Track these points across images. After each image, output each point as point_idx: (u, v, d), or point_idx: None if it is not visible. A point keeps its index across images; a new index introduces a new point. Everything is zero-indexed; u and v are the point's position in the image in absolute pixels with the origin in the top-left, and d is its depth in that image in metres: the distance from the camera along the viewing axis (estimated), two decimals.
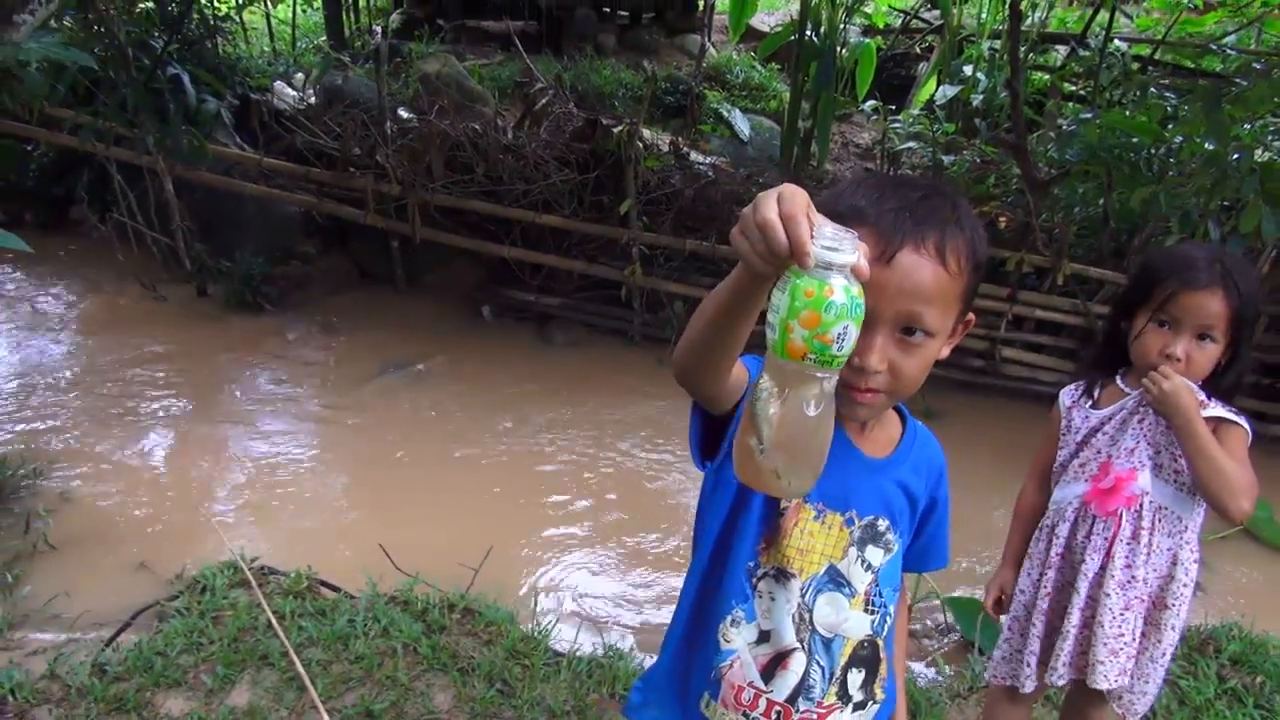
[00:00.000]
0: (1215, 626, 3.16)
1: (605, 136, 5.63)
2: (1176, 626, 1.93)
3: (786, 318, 0.89)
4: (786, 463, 0.96)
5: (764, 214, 0.88)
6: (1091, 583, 1.93)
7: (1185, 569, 1.91)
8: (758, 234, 0.89)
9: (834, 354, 0.90)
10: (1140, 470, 1.90)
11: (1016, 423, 5.28)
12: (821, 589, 1.29)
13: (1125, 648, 1.90)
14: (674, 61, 8.56)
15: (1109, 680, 1.89)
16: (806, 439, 0.96)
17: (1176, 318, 1.80)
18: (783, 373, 0.93)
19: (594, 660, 2.77)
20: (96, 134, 5.05)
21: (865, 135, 7.87)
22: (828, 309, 0.88)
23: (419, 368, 5.30)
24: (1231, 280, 1.76)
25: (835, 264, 0.88)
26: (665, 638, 1.41)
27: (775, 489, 1.01)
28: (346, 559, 3.29)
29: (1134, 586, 1.90)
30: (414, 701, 2.51)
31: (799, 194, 0.90)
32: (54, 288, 5.80)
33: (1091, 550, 1.93)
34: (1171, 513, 1.90)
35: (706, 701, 1.34)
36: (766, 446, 0.95)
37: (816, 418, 0.94)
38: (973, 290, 1.22)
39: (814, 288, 0.88)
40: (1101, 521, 1.92)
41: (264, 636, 2.69)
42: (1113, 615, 1.89)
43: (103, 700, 2.40)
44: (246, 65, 6.96)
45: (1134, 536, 1.90)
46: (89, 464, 4.01)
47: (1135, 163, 4.86)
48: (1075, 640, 1.95)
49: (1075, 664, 1.96)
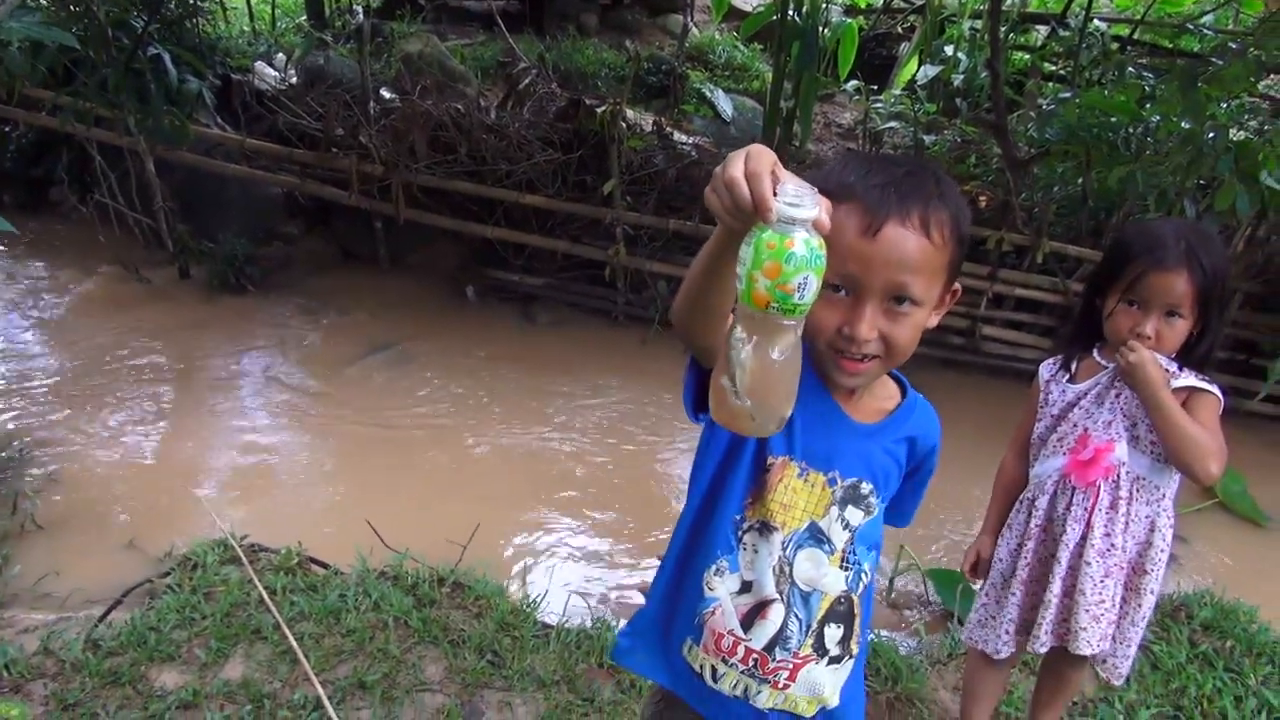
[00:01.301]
0: (1188, 594, 3.24)
1: (588, 117, 5.64)
2: (1154, 590, 2.00)
3: (751, 269, 0.94)
4: (756, 403, 1.02)
5: (731, 172, 0.95)
6: (1073, 552, 1.98)
7: (1163, 535, 1.97)
8: (725, 191, 0.96)
9: (795, 302, 0.95)
10: (1117, 441, 1.96)
11: (997, 400, 5.35)
12: (802, 544, 1.34)
13: (1106, 614, 1.97)
14: (656, 41, 8.55)
15: (1091, 646, 1.96)
16: (774, 382, 1.01)
17: (1145, 298, 1.87)
18: (751, 320, 0.98)
19: (582, 631, 2.81)
20: (77, 115, 5.01)
21: (847, 115, 7.90)
22: (789, 260, 0.93)
23: (403, 348, 5.31)
24: (1196, 258, 1.81)
25: (797, 219, 0.93)
26: (652, 584, 1.46)
27: (748, 428, 1.07)
28: (334, 536, 3.32)
29: (1113, 554, 1.96)
30: (406, 673, 2.55)
31: (765, 153, 0.96)
32: (36, 270, 5.77)
33: (1072, 521, 1.98)
34: (1149, 482, 1.96)
35: (689, 646, 1.39)
36: (739, 388, 1.01)
37: (782, 362, 0.99)
38: (958, 262, 1.27)
39: (776, 240, 0.93)
40: (1081, 492, 1.98)
41: (256, 611, 2.72)
42: (1094, 583, 1.96)
43: (97, 674, 2.42)
44: (227, 45, 6.90)
45: (1113, 506, 1.96)
46: (74, 445, 4.01)
47: (1113, 142, 4.92)
48: (1057, 609, 2.01)
49: (1057, 632, 2.02)
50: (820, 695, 1.38)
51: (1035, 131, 5.58)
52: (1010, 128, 5.47)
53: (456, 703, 2.47)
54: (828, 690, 1.39)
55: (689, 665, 1.40)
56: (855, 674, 1.44)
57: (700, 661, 1.39)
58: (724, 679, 1.37)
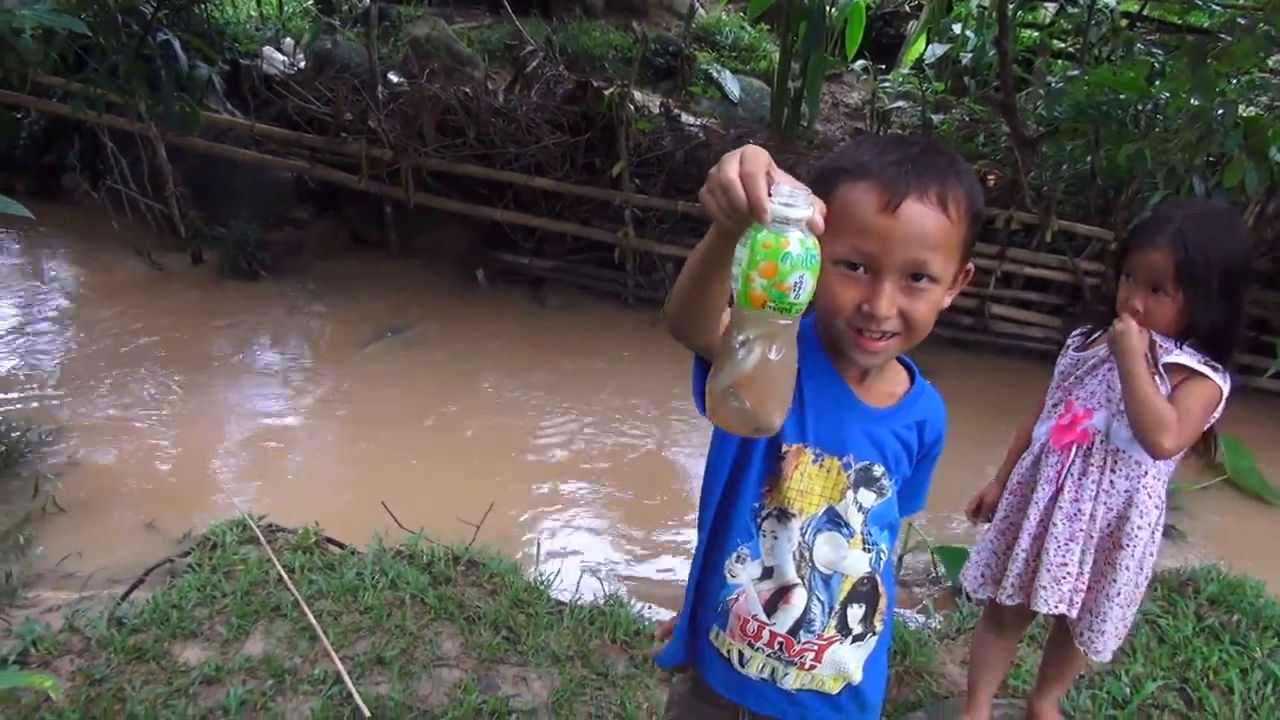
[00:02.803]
0: (1195, 569, 3.26)
1: (596, 99, 5.65)
2: (1131, 567, 2.01)
3: (747, 269, 0.96)
4: (754, 404, 1.03)
5: (726, 173, 0.96)
6: (1042, 511, 2.05)
7: (1141, 511, 1.99)
8: (721, 192, 0.96)
9: (791, 301, 0.96)
10: (1097, 410, 2.00)
11: (1006, 379, 5.38)
12: (821, 529, 1.36)
13: (1069, 578, 2.01)
14: (663, 22, 8.53)
15: (1049, 605, 2.01)
16: (771, 381, 1.02)
17: (1131, 272, 1.94)
18: (746, 320, 1.00)
19: (595, 608, 2.85)
20: (88, 101, 5.04)
21: (855, 95, 7.88)
22: (784, 259, 0.94)
23: (413, 331, 5.35)
24: (1181, 237, 1.84)
25: (792, 218, 0.94)
26: (687, 584, 1.49)
27: (744, 428, 1.08)
28: (349, 517, 3.36)
29: (1079, 520, 2.01)
30: (423, 649, 2.59)
31: (760, 154, 0.97)
32: (50, 256, 5.82)
33: (1044, 481, 2.05)
34: (1128, 455, 1.98)
35: (715, 633, 1.42)
36: (734, 388, 1.02)
37: (779, 361, 1.01)
38: (972, 240, 1.28)
39: (771, 240, 0.94)
40: (1055, 454, 2.04)
41: (275, 589, 2.77)
42: (1058, 544, 2.01)
43: (122, 651, 2.48)
44: (235, 30, 6.92)
45: (1084, 473, 2.01)
46: (93, 429, 4.07)
47: (1122, 119, 4.91)
48: (1024, 564, 2.07)
49: (1024, 588, 2.07)
50: (846, 673, 1.41)
51: (1044, 109, 5.57)
52: (1019, 106, 5.47)
53: (473, 677, 2.51)
54: (852, 667, 1.42)
55: (716, 651, 1.43)
56: (879, 649, 1.47)
57: (727, 647, 1.41)
58: (751, 663, 1.40)
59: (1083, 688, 2.64)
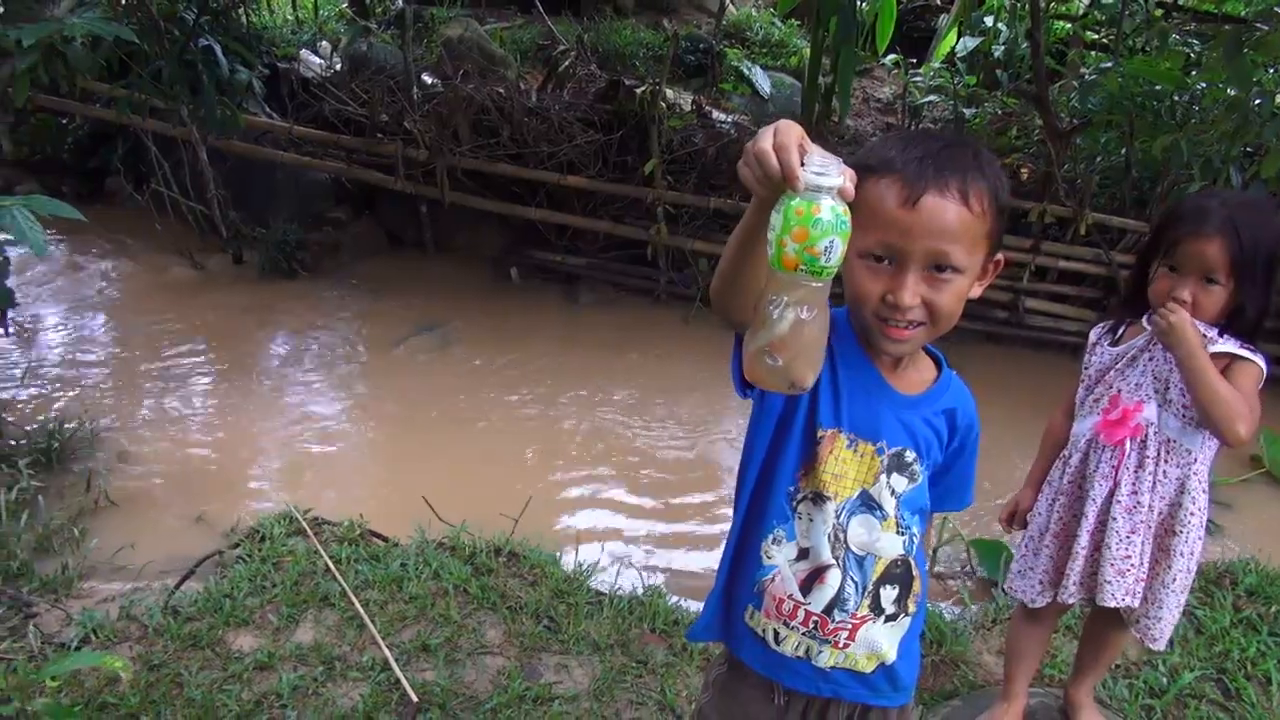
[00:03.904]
0: (1232, 561, 3.26)
1: (628, 97, 5.70)
2: (1185, 553, 2.04)
3: (781, 234, 1.02)
4: (787, 362, 1.09)
5: (761, 145, 1.04)
6: (1100, 507, 2.05)
7: (1193, 497, 2.02)
8: (755, 163, 1.04)
9: (822, 265, 1.03)
10: (1146, 403, 2.02)
11: (1040, 372, 5.36)
12: (855, 512, 1.40)
13: (1133, 569, 2.03)
14: (693, 20, 8.55)
15: (1116, 599, 2.02)
16: (803, 341, 1.08)
17: (1182, 263, 1.93)
18: (780, 283, 1.06)
19: (634, 598, 2.91)
20: (132, 106, 5.16)
21: (886, 89, 7.86)
22: (816, 225, 1.00)
23: (449, 329, 5.43)
24: (1233, 227, 1.85)
25: (823, 186, 1.01)
26: (719, 564, 1.54)
27: (779, 385, 1.14)
28: (389, 511, 3.43)
29: (1139, 512, 2.02)
30: (467, 637, 2.66)
31: (793, 127, 1.04)
32: (97, 257, 5.96)
33: (1099, 478, 2.05)
34: (1179, 444, 2.01)
35: (751, 612, 1.47)
36: (770, 347, 1.08)
37: (810, 321, 1.07)
38: (998, 233, 1.32)
39: (804, 207, 1.01)
40: (1109, 451, 2.04)
41: (323, 580, 2.85)
42: (1119, 538, 2.02)
43: (178, 638, 2.57)
44: (272, 35, 7.04)
45: (1140, 465, 2.02)
46: (142, 425, 4.18)
47: (1157, 111, 4.89)
48: (1085, 562, 2.08)
49: (1085, 584, 2.09)
50: (879, 652, 1.45)
51: (1077, 102, 5.54)
52: (1052, 98, 5.44)
53: (516, 665, 2.58)
54: (886, 646, 1.46)
55: (751, 630, 1.48)
56: (913, 631, 1.50)
57: (762, 626, 1.46)
58: (786, 641, 1.44)
59: (1119, 677, 2.66)
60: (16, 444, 3.70)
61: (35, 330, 5.03)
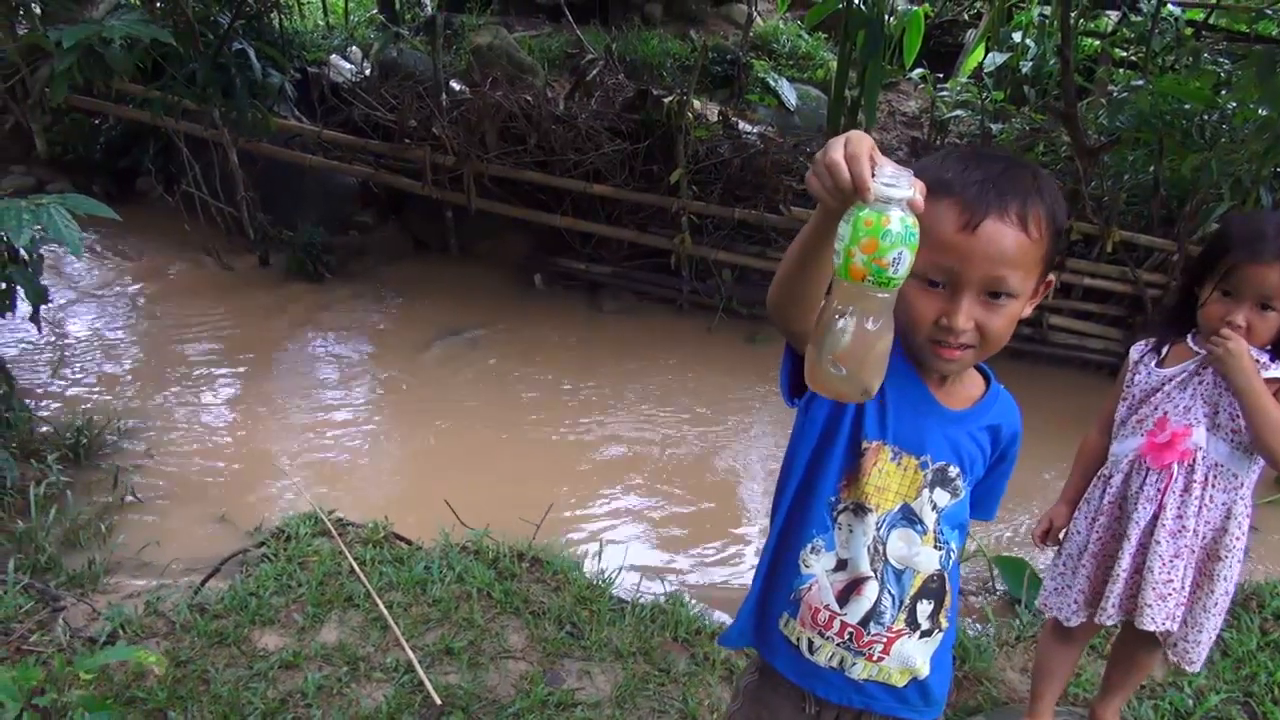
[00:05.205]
0: (1260, 584, 3.23)
1: (655, 107, 5.72)
2: (1228, 578, 2.02)
3: (849, 244, 1.02)
4: (850, 371, 1.09)
5: (832, 155, 1.02)
6: (1143, 530, 2.02)
7: (1238, 523, 2.00)
8: (826, 173, 1.03)
9: (890, 276, 1.02)
10: (1195, 427, 1.99)
11: (1065, 390, 5.32)
12: (895, 525, 1.40)
13: (1174, 593, 2.00)
14: (720, 31, 8.57)
15: (1156, 623, 1.99)
16: (867, 349, 1.08)
17: (1239, 289, 1.89)
18: (847, 293, 1.06)
19: (656, 606, 2.90)
20: (165, 108, 5.22)
21: (912, 103, 7.86)
22: (885, 236, 1.00)
23: (473, 334, 5.46)
24: None
25: (893, 198, 1.00)
26: (755, 570, 1.54)
27: (842, 394, 1.14)
28: (413, 514, 3.45)
29: (1184, 536, 1.99)
30: (490, 641, 2.67)
31: (864, 138, 1.03)
32: (126, 256, 6.03)
33: (1144, 500, 2.02)
34: (1226, 469, 1.99)
35: (786, 620, 1.47)
36: (833, 356, 1.08)
37: (876, 331, 1.06)
38: (1053, 254, 1.31)
39: (873, 218, 1.00)
40: (1155, 473, 2.02)
41: (348, 581, 2.86)
42: (1163, 561, 1.99)
43: (205, 634, 2.58)
44: (303, 39, 7.11)
45: (1186, 489, 1.99)
46: (168, 424, 4.22)
47: (1187, 130, 4.86)
48: (1125, 584, 2.05)
49: (1124, 606, 2.06)
50: (912, 666, 1.45)
51: (1106, 119, 5.52)
52: (1080, 115, 5.42)
53: (539, 669, 2.58)
54: (919, 661, 1.45)
55: (786, 639, 1.47)
56: (944, 645, 1.50)
57: (797, 635, 1.45)
58: (820, 651, 1.44)
59: (1144, 698, 2.64)
60: (46, 439, 3.74)
61: (65, 327, 5.08)
